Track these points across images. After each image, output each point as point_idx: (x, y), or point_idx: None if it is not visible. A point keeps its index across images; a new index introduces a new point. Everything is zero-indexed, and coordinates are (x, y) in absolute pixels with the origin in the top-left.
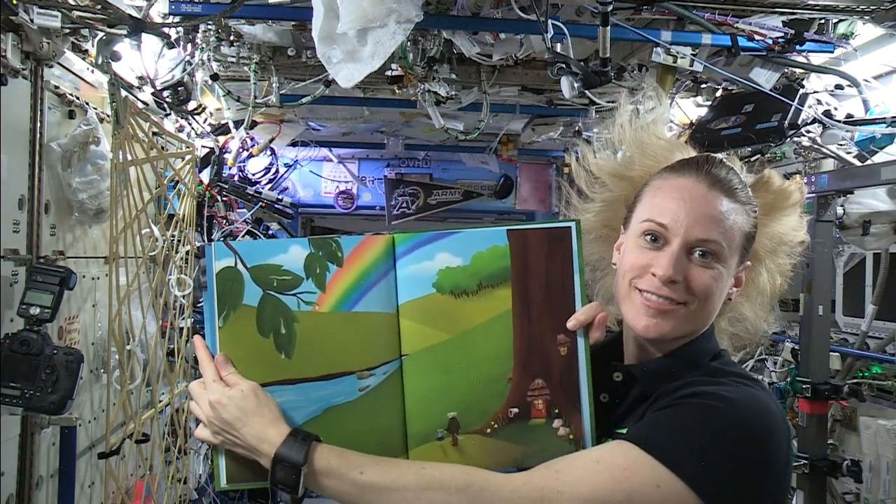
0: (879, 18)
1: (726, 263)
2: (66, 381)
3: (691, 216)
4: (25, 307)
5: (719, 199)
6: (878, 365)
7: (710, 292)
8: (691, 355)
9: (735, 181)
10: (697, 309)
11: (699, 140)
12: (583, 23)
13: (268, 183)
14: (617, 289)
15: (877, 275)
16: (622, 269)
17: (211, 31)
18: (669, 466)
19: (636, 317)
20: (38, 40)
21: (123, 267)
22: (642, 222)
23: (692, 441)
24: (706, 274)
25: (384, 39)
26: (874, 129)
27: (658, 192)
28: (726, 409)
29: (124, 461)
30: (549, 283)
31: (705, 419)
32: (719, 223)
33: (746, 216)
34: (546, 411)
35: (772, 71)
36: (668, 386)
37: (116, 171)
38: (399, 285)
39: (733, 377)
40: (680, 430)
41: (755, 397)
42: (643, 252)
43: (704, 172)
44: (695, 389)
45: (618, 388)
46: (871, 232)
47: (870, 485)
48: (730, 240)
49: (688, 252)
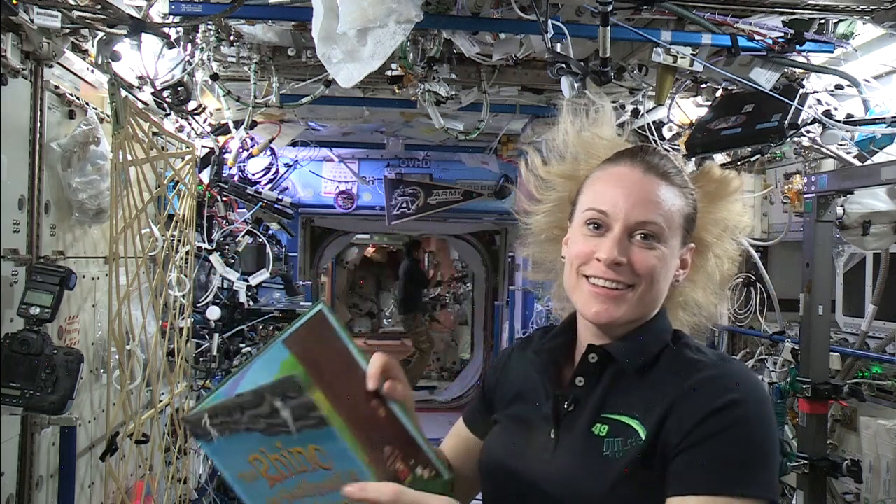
0: (879, 18)
1: (668, 244)
2: (66, 381)
3: (629, 200)
4: (25, 307)
5: (655, 182)
6: (878, 365)
7: (654, 272)
8: (655, 332)
9: (668, 166)
10: (644, 291)
11: (699, 140)
12: (583, 23)
13: (268, 183)
14: (567, 280)
15: (877, 275)
16: (569, 259)
17: (211, 31)
18: (757, 497)
19: (586, 304)
20: (38, 40)
21: (123, 267)
22: (584, 212)
23: (759, 460)
24: (649, 255)
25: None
26: (874, 129)
27: (597, 182)
28: (756, 409)
29: (124, 461)
30: (337, 364)
31: (755, 432)
32: (657, 205)
33: (684, 199)
34: (407, 468)
35: (772, 71)
36: (686, 386)
37: (116, 171)
38: (221, 463)
39: (713, 357)
40: (754, 455)
41: (748, 374)
42: (587, 240)
43: (639, 159)
44: (736, 398)
45: (591, 370)
46: (871, 232)
47: (870, 485)
48: (669, 221)
49: (629, 235)
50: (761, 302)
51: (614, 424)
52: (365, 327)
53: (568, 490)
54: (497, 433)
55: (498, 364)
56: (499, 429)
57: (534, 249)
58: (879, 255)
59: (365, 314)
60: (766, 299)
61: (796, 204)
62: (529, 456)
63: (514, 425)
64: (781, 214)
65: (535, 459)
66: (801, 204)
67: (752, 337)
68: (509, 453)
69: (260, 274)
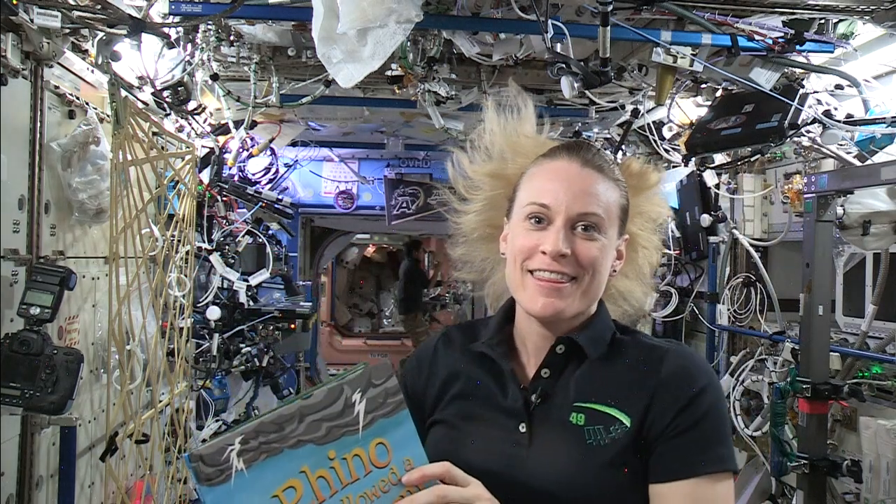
0: (879, 18)
1: (608, 235)
2: (66, 381)
3: (570, 193)
4: (25, 307)
5: (593, 175)
6: (878, 365)
7: (597, 263)
8: (604, 322)
9: (603, 160)
10: (588, 283)
11: (699, 140)
12: (583, 23)
13: (268, 183)
14: (510, 278)
15: (877, 275)
16: (512, 254)
17: (211, 31)
18: (731, 469)
19: (532, 299)
20: (38, 40)
21: (123, 267)
22: (525, 206)
23: (725, 438)
24: (592, 246)
25: (384, 39)
26: (874, 129)
27: (535, 177)
28: (717, 392)
29: (124, 461)
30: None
31: (721, 413)
32: (597, 197)
33: (619, 191)
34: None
35: (772, 71)
36: (662, 376)
37: (116, 171)
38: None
39: (666, 343)
40: (724, 435)
41: (702, 358)
42: (530, 234)
43: (576, 154)
44: (705, 385)
45: (557, 361)
46: (871, 232)
47: (870, 485)
48: (608, 212)
49: (571, 227)
50: (761, 302)
51: (590, 413)
52: (365, 327)
53: (556, 482)
54: (443, 434)
55: (419, 366)
56: (444, 429)
57: (465, 249)
58: (879, 255)
59: (365, 314)
60: (766, 299)
61: (796, 204)
62: (499, 452)
63: (465, 423)
64: (781, 214)
65: (506, 455)
66: (801, 204)
67: (752, 337)
68: (472, 452)
69: (260, 274)
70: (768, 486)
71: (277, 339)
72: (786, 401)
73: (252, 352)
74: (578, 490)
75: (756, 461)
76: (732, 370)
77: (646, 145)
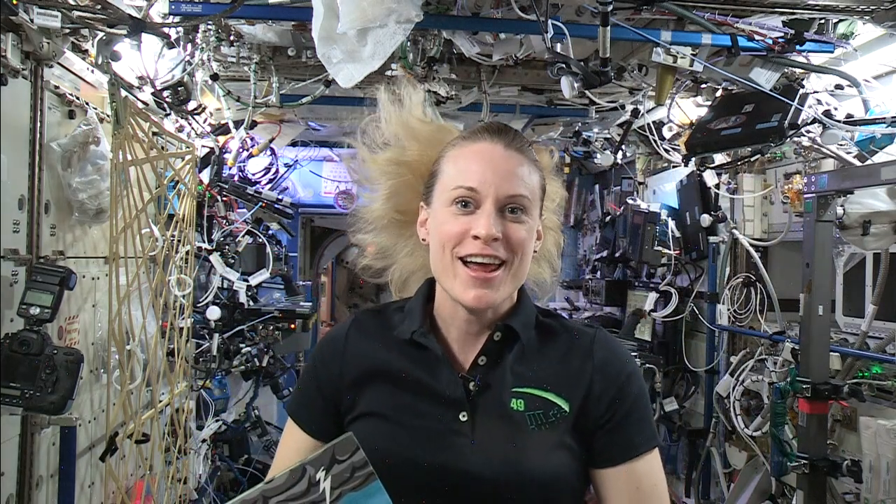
0: (879, 18)
1: (533, 216)
2: (66, 381)
3: (497, 175)
4: (25, 307)
5: (516, 157)
6: (878, 365)
7: (524, 246)
8: (529, 306)
9: (523, 142)
10: (517, 266)
11: (699, 140)
12: (583, 23)
13: (268, 183)
14: (437, 265)
15: (877, 275)
16: (439, 241)
17: (211, 31)
18: (659, 444)
19: (464, 290)
20: (38, 40)
21: (123, 267)
22: (451, 190)
23: (651, 416)
24: (521, 228)
25: (384, 39)
26: (874, 129)
27: (458, 159)
28: (641, 375)
29: (124, 461)
30: None
31: (646, 395)
32: (522, 179)
33: (539, 172)
34: None
35: (772, 71)
36: (595, 363)
37: (116, 171)
38: None
39: (589, 328)
40: (650, 413)
41: (622, 345)
42: (457, 219)
43: (497, 136)
44: (631, 370)
45: (494, 348)
46: (871, 232)
47: (870, 485)
48: (533, 193)
49: (500, 210)
50: (761, 302)
51: (528, 398)
52: None
53: (503, 470)
54: (376, 428)
55: (331, 354)
56: (376, 422)
57: (374, 237)
58: (879, 255)
59: None
60: (766, 299)
61: (796, 204)
62: (442, 443)
63: (399, 415)
64: (781, 214)
65: (449, 444)
66: (801, 204)
67: (752, 337)
68: (411, 443)
69: (260, 274)
70: (768, 486)
71: (277, 339)
72: (786, 401)
73: (252, 352)
74: (524, 475)
75: (756, 461)
76: (732, 370)
77: (646, 145)
